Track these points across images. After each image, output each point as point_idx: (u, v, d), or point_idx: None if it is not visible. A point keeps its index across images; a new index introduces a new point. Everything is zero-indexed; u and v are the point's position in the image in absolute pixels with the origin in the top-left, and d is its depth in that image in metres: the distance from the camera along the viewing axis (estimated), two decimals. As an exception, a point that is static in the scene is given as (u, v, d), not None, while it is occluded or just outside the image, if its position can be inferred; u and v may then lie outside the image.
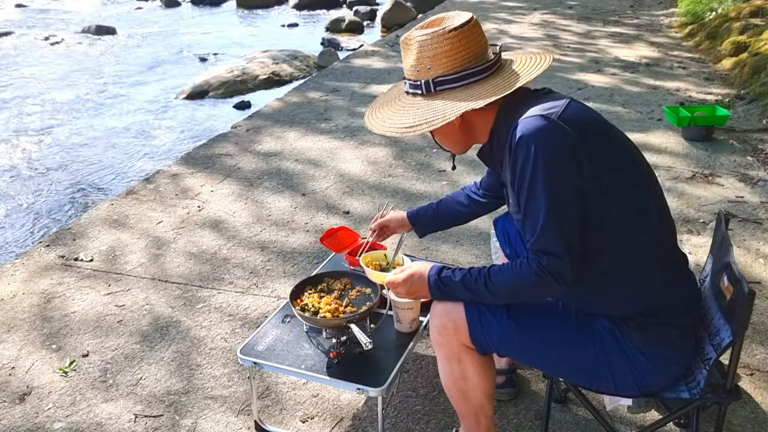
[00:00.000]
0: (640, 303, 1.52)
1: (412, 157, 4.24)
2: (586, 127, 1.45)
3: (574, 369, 1.60)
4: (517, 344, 1.59)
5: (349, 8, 12.43)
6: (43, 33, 10.47)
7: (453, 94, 1.52)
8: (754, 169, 3.98)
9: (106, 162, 5.25)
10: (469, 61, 1.51)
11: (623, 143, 1.53)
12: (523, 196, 1.44)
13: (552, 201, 1.40)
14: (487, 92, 1.49)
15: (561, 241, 1.42)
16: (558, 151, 1.40)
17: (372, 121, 1.64)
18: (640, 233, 1.49)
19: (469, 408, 1.70)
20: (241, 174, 4.04)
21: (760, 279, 2.83)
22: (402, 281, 1.64)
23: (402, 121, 1.56)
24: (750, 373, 2.27)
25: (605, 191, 1.44)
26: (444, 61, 1.51)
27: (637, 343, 1.52)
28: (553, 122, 1.41)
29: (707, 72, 6.33)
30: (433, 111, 1.51)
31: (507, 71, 1.55)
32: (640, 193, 1.50)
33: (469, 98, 1.49)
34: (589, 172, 1.41)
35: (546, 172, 1.40)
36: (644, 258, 1.50)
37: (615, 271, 1.51)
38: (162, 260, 3.07)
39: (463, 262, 2.99)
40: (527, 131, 1.41)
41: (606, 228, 1.47)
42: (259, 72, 7.51)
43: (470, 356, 1.62)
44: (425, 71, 1.53)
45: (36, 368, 2.37)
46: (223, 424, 2.10)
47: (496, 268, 1.53)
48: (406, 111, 1.57)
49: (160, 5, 13.49)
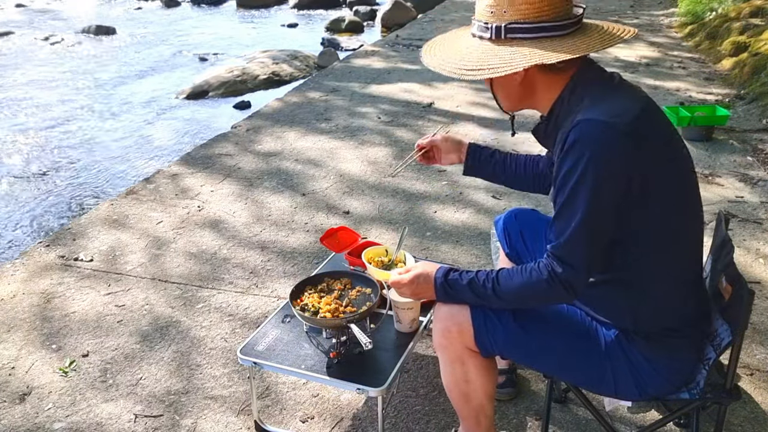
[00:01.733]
0: (657, 322, 1.50)
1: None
2: (651, 143, 1.37)
3: (576, 373, 1.59)
4: (522, 348, 1.58)
5: (349, 8, 12.43)
6: (43, 33, 10.46)
7: (524, 45, 1.41)
8: (754, 169, 3.98)
9: (106, 162, 5.25)
10: (548, 14, 1.40)
11: (683, 166, 1.46)
12: (562, 198, 1.39)
13: (589, 214, 1.36)
14: (561, 50, 1.39)
15: (583, 256, 1.39)
16: (611, 166, 1.33)
17: (428, 57, 1.54)
18: (672, 258, 1.46)
19: (470, 409, 1.69)
20: (241, 174, 4.04)
21: (760, 279, 2.83)
22: (408, 282, 1.61)
23: (463, 63, 1.45)
24: (750, 373, 2.27)
25: (647, 213, 1.39)
26: (522, 6, 1.40)
27: (642, 352, 1.51)
28: (616, 134, 1.33)
29: (707, 72, 6.34)
30: (499, 58, 1.41)
31: (586, 34, 1.45)
32: (681, 221, 1.45)
33: (541, 53, 1.39)
34: (638, 191, 1.36)
35: (592, 184, 1.34)
36: (670, 282, 1.48)
37: (637, 287, 1.48)
38: (162, 260, 3.07)
39: (463, 262, 2.99)
40: (587, 136, 1.34)
41: (639, 247, 1.43)
42: (259, 72, 7.51)
43: (473, 359, 1.61)
44: (500, 14, 1.42)
45: (36, 368, 2.37)
46: (223, 424, 2.10)
47: (504, 272, 1.50)
48: (469, 53, 1.46)
49: (160, 5, 13.48)
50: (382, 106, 5.31)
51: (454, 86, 5.79)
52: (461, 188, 3.77)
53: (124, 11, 12.92)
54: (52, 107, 6.72)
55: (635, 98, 1.43)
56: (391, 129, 4.78)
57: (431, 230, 3.27)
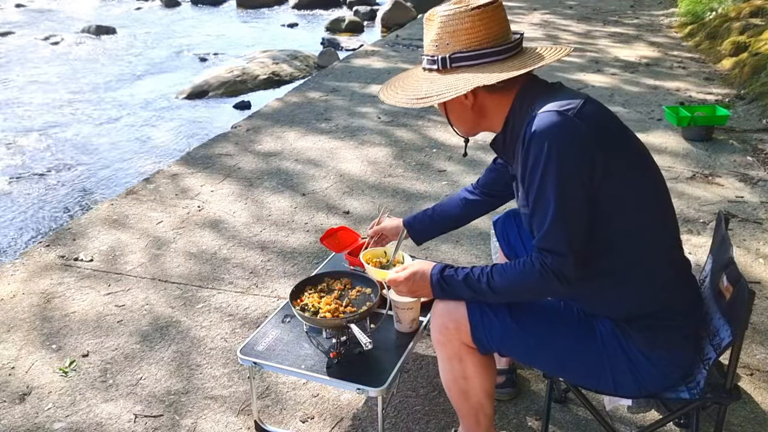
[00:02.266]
0: (644, 305, 1.52)
1: (412, 157, 4.24)
2: (602, 127, 1.44)
3: (574, 369, 1.60)
4: (519, 344, 1.59)
5: (349, 8, 12.43)
6: (43, 33, 10.46)
7: (468, 71, 1.52)
8: (754, 169, 3.98)
9: (106, 162, 5.25)
10: (488, 42, 1.51)
11: (636, 146, 1.53)
12: (533, 193, 1.43)
13: (561, 200, 1.40)
14: (501, 70, 1.49)
15: (567, 241, 1.42)
16: (572, 149, 1.39)
17: (385, 93, 1.65)
18: (647, 237, 1.50)
19: (469, 407, 1.70)
20: (241, 174, 4.04)
21: (760, 279, 2.83)
22: (404, 279, 1.64)
23: (414, 93, 1.56)
24: (750, 373, 2.27)
25: (615, 193, 1.44)
26: (463, 37, 1.51)
27: (639, 345, 1.52)
28: (569, 119, 1.40)
29: (707, 72, 6.34)
30: (445, 85, 1.52)
31: (525, 56, 1.55)
32: (649, 198, 1.50)
33: (483, 75, 1.49)
34: (602, 173, 1.40)
35: (558, 171, 1.39)
36: (650, 261, 1.51)
37: (620, 273, 1.51)
38: (162, 260, 3.07)
39: (463, 262, 2.99)
40: (542, 127, 1.40)
41: (614, 230, 1.47)
42: (259, 72, 7.51)
43: (471, 356, 1.62)
44: (444, 47, 1.53)
45: (36, 368, 2.37)
46: (223, 424, 2.10)
47: (498, 267, 1.53)
48: (419, 84, 1.58)
49: (160, 5, 13.48)
50: (382, 106, 5.31)
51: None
52: (461, 188, 3.76)
53: (124, 11, 12.92)
54: (52, 107, 6.71)
55: (578, 94, 1.50)
56: (391, 129, 4.78)
57: (431, 230, 3.27)
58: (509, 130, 1.57)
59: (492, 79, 1.47)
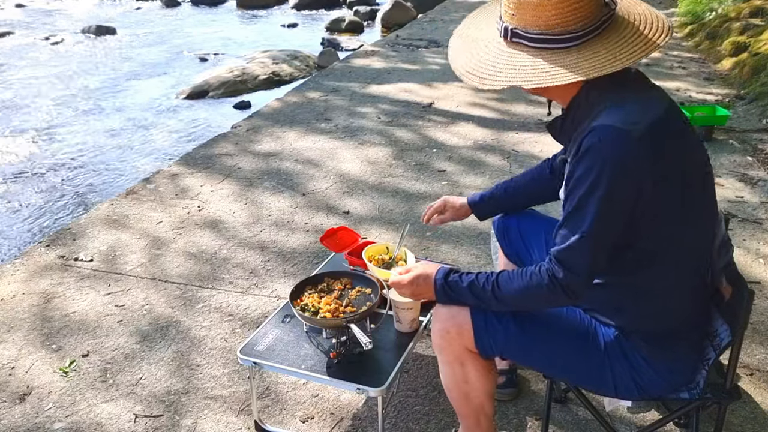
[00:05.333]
0: (659, 323, 1.49)
1: (411, 157, 4.24)
2: (667, 148, 1.33)
3: (576, 374, 1.59)
4: (522, 349, 1.58)
5: (349, 8, 12.43)
6: (43, 33, 10.47)
7: (526, 52, 1.36)
8: (754, 169, 3.98)
9: (105, 162, 5.25)
10: (555, 24, 1.33)
11: (699, 169, 1.42)
12: (571, 204, 1.37)
13: (597, 224, 1.33)
14: (557, 71, 1.32)
15: (587, 263, 1.38)
16: (623, 180, 1.31)
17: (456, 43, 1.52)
18: (677, 263, 1.44)
19: (470, 409, 1.69)
20: (241, 174, 4.04)
21: (759, 279, 2.83)
22: (408, 282, 1.61)
23: (467, 61, 1.45)
24: (750, 373, 2.27)
25: (658, 217, 1.37)
26: (528, 15, 1.34)
27: (643, 353, 1.50)
28: (631, 144, 1.29)
29: (707, 72, 6.34)
30: (492, 66, 1.39)
31: (600, 44, 1.34)
32: (692, 225, 1.42)
33: (539, 69, 1.33)
34: (649, 197, 1.33)
35: (603, 194, 1.31)
36: (674, 285, 1.46)
37: (642, 291, 1.47)
38: (162, 260, 3.07)
39: (463, 262, 2.99)
40: (600, 145, 1.30)
41: (646, 252, 1.42)
42: (259, 72, 7.51)
43: (472, 360, 1.61)
44: (508, 15, 1.38)
45: (36, 368, 2.37)
46: (223, 424, 2.10)
47: (504, 275, 1.50)
48: (478, 50, 1.44)
49: (160, 5, 13.49)
50: (381, 106, 5.31)
51: (454, 86, 5.79)
52: (461, 188, 3.77)
53: (124, 11, 12.93)
54: (52, 107, 6.71)
55: (654, 102, 1.38)
56: (390, 129, 4.78)
57: (431, 230, 3.27)
58: (570, 116, 1.46)
59: (545, 80, 1.32)
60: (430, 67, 6.56)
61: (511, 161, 4.14)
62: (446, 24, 8.71)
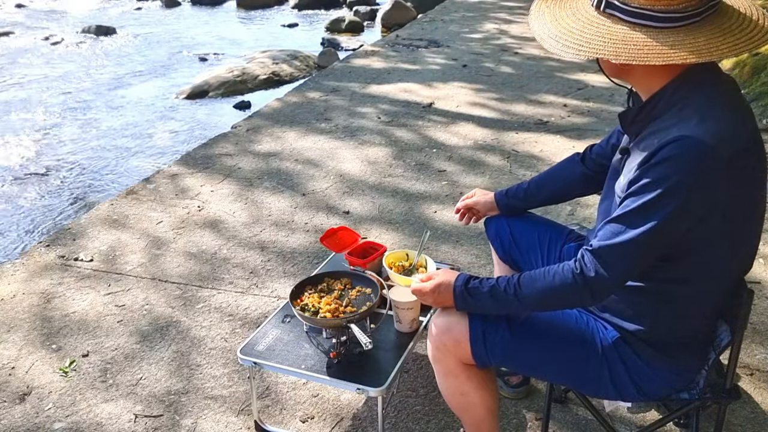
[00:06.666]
0: (671, 332, 1.47)
1: (411, 157, 4.24)
2: (744, 169, 1.27)
3: (575, 380, 1.59)
4: (519, 359, 1.58)
5: (349, 8, 12.42)
6: (43, 33, 10.46)
7: (620, 25, 1.27)
8: (753, 169, 3.98)
9: (105, 162, 5.25)
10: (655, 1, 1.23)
11: (760, 204, 1.37)
12: (634, 204, 1.28)
13: (654, 232, 1.27)
14: (652, 50, 1.22)
15: (625, 269, 1.33)
16: (696, 196, 1.24)
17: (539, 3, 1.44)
18: (714, 288, 1.41)
19: (470, 418, 1.70)
20: (241, 174, 4.04)
21: (759, 279, 2.83)
22: (430, 291, 1.57)
23: (550, 27, 1.35)
24: (750, 373, 2.27)
25: (709, 241, 1.32)
26: None
27: (644, 357, 1.48)
28: (718, 164, 1.22)
29: (707, 72, 6.33)
30: (579, 35, 1.30)
31: (700, 31, 1.25)
32: (737, 258, 1.40)
33: (632, 44, 1.24)
34: (711, 225, 1.29)
35: (668, 209, 1.25)
36: (702, 302, 1.44)
37: (665, 300, 1.43)
38: (162, 260, 3.07)
39: (463, 262, 2.99)
40: (682, 158, 1.22)
41: (683, 267, 1.37)
42: (259, 72, 7.51)
43: (467, 372, 1.60)
44: None
45: (36, 368, 2.37)
46: (223, 424, 2.10)
47: (526, 276, 1.45)
48: (565, 16, 1.35)
49: (160, 5, 13.47)
50: (381, 106, 5.31)
51: (454, 86, 5.79)
52: (461, 188, 3.77)
53: (124, 11, 12.92)
54: (52, 107, 6.71)
55: (745, 123, 1.31)
56: (390, 129, 4.78)
57: (431, 230, 3.27)
58: (648, 109, 1.36)
59: (641, 58, 1.22)
60: (430, 67, 6.56)
61: (511, 161, 4.14)
62: (446, 24, 8.70)
